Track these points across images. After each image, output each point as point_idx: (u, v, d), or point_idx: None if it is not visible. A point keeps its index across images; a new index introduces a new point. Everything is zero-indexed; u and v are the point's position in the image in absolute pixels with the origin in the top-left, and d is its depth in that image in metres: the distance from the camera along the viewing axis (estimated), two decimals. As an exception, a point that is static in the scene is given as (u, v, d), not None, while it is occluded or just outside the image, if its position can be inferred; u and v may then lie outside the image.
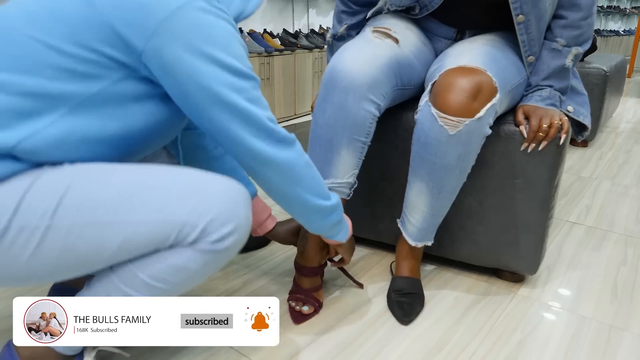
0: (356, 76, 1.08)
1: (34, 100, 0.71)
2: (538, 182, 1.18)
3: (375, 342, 1.08)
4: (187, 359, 1.02)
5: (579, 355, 1.06)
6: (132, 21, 0.71)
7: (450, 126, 1.03)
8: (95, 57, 0.72)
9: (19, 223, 0.70)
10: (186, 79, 0.74)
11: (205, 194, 0.78)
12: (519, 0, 1.10)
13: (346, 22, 1.34)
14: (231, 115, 0.77)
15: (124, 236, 0.74)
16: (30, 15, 0.72)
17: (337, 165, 1.13)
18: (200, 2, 0.74)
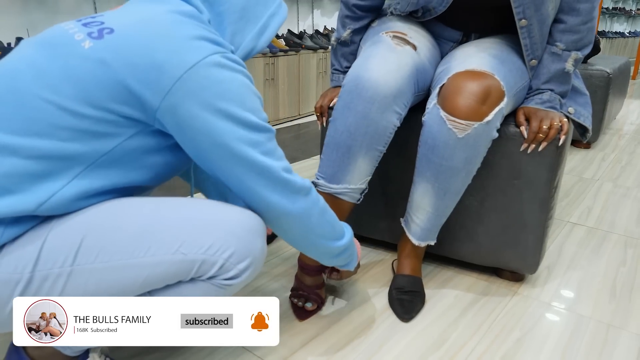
0: (382, 86, 1.08)
1: (49, 163, 0.71)
2: (538, 183, 1.20)
3: (376, 338, 1.10)
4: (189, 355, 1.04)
5: (576, 353, 1.07)
6: (148, 80, 0.71)
7: (459, 129, 1.05)
8: (109, 117, 0.72)
9: (42, 273, 0.71)
10: (202, 135, 0.75)
11: (222, 230, 0.79)
12: (521, 5, 1.12)
13: (350, 26, 1.35)
14: (247, 169, 0.78)
15: (145, 276, 0.76)
16: (42, 74, 0.71)
17: (352, 172, 1.14)
18: (215, 56, 0.74)
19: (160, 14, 0.75)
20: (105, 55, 0.71)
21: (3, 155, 0.69)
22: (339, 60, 1.40)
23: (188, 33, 0.74)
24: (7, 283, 0.70)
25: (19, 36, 2.18)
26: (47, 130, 0.70)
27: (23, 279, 0.70)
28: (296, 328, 1.13)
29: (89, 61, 0.71)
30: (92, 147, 0.73)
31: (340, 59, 1.39)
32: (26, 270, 0.71)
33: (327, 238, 0.94)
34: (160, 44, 0.72)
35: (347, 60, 1.39)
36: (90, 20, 0.76)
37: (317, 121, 1.41)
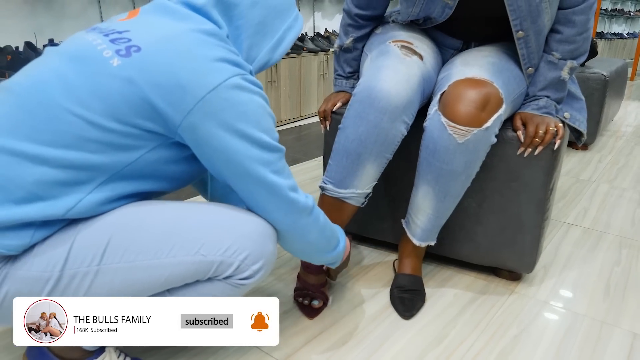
0: (393, 98, 1.12)
1: (76, 172, 0.75)
2: (534, 185, 1.24)
3: (378, 335, 1.15)
4: (199, 351, 1.08)
5: (571, 349, 1.12)
6: (172, 99, 0.75)
7: (459, 135, 1.09)
8: (133, 131, 0.76)
9: (70, 271, 0.76)
10: (218, 153, 0.79)
11: (239, 234, 0.84)
12: (518, 18, 1.16)
13: (352, 35, 1.38)
14: (257, 186, 0.83)
15: (167, 275, 0.80)
16: (72, 89, 0.74)
17: (360, 178, 1.19)
18: (236, 78, 0.78)
19: (184, 33, 0.79)
20: (132, 74, 0.75)
21: (34, 164, 0.73)
22: (342, 66, 1.44)
23: (210, 54, 0.78)
24: (38, 281, 0.75)
25: (28, 40, 2.22)
26: (76, 142, 0.74)
27: (53, 277, 0.75)
28: (300, 325, 1.18)
29: (117, 79, 0.75)
30: (116, 159, 0.77)
31: (343, 65, 1.43)
32: (56, 269, 0.75)
33: (322, 252, 1.01)
34: (184, 65, 0.75)
35: (349, 66, 1.43)
36: (117, 36, 0.79)
37: (321, 125, 1.45)
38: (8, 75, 1.98)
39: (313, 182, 2.21)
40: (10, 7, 2.28)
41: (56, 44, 2.29)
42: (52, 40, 2.29)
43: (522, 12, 1.15)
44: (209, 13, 0.85)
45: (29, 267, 0.75)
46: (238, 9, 0.87)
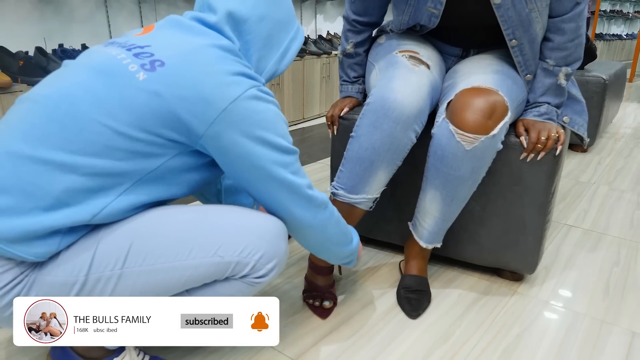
0: (407, 108, 1.17)
1: (103, 179, 0.79)
2: (536, 189, 1.29)
3: (386, 333, 1.19)
4: (214, 349, 1.13)
5: (572, 347, 1.16)
6: (196, 111, 0.81)
7: (467, 142, 1.13)
8: (158, 140, 0.81)
9: (95, 275, 0.80)
10: (241, 159, 0.85)
11: (253, 235, 0.88)
12: (510, 27, 1.20)
13: (352, 40, 1.44)
14: (279, 187, 0.89)
15: (187, 276, 0.85)
16: (100, 102, 0.79)
17: (371, 184, 1.23)
18: (253, 90, 0.85)
19: (203, 48, 0.84)
20: (158, 87, 0.80)
21: (63, 172, 0.77)
22: (346, 72, 1.48)
23: (229, 69, 0.84)
24: (64, 285, 0.79)
25: (38, 45, 2.25)
26: (104, 151, 0.78)
27: (79, 281, 0.79)
28: (311, 325, 1.22)
29: (143, 92, 0.80)
30: (140, 166, 0.82)
31: (347, 70, 1.48)
32: (81, 274, 0.79)
33: (340, 244, 1.06)
34: (206, 80, 0.81)
35: (354, 71, 1.47)
36: (140, 50, 0.84)
37: (329, 129, 1.49)
38: (21, 81, 2.01)
39: (318, 184, 2.25)
40: (20, 12, 2.32)
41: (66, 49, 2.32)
42: (61, 45, 2.33)
43: (513, 22, 1.20)
44: (222, 29, 0.91)
45: (56, 272, 0.79)
46: (247, 24, 0.93)
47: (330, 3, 4.36)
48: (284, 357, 1.10)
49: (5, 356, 1.10)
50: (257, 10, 0.93)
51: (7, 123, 0.81)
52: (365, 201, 1.25)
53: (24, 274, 0.77)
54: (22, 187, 0.75)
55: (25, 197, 0.75)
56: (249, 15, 0.93)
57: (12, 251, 0.74)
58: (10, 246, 0.74)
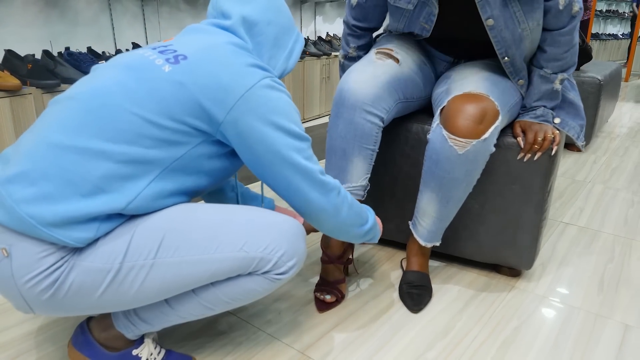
0: (359, 94, 1.25)
1: (134, 167, 0.85)
2: (533, 188, 1.34)
3: (389, 327, 1.24)
4: (226, 342, 1.17)
5: (567, 339, 1.21)
6: (216, 98, 0.88)
7: (459, 146, 1.19)
8: (183, 128, 0.88)
9: (129, 264, 0.85)
10: (258, 144, 0.91)
11: (276, 233, 0.94)
12: (503, 47, 1.27)
13: (353, 44, 1.52)
14: (293, 171, 0.94)
15: (214, 269, 0.90)
16: (131, 93, 0.86)
17: (351, 172, 1.29)
18: (267, 79, 0.92)
19: (220, 44, 0.93)
20: (182, 78, 0.88)
21: (99, 160, 0.83)
22: None
23: (244, 61, 0.92)
24: (100, 271, 0.84)
25: (45, 49, 2.30)
26: (135, 138, 0.85)
27: (113, 268, 0.84)
28: (317, 319, 1.27)
29: (169, 83, 0.87)
30: (167, 154, 0.88)
31: None
32: (116, 261, 0.84)
33: (357, 225, 1.09)
34: (224, 70, 0.89)
35: None
36: (164, 49, 0.93)
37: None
38: (29, 84, 2.06)
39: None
40: (27, 16, 2.36)
41: (73, 52, 2.36)
42: (68, 48, 2.37)
43: (506, 42, 1.26)
44: (237, 31, 1.00)
45: (93, 258, 0.83)
46: (258, 27, 1.03)
47: (329, 5, 4.41)
48: (291, 349, 1.15)
49: (35, 344, 1.15)
50: (266, 16, 1.03)
51: (44, 120, 0.88)
52: (352, 190, 1.30)
53: (64, 258, 0.82)
54: (63, 175, 0.81)
55: (66, 184, 0.81)
56: (259, 19, 1.02)
57: (54, 235, 0.79)
58: (53, 230, 0.79)
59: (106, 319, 1.02)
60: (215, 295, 0.95)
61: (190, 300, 0.95)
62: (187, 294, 0.95)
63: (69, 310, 0.87)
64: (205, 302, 0.95)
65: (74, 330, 1.05)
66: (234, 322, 1.25)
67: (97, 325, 1.02)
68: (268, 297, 1.37)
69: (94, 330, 1.01)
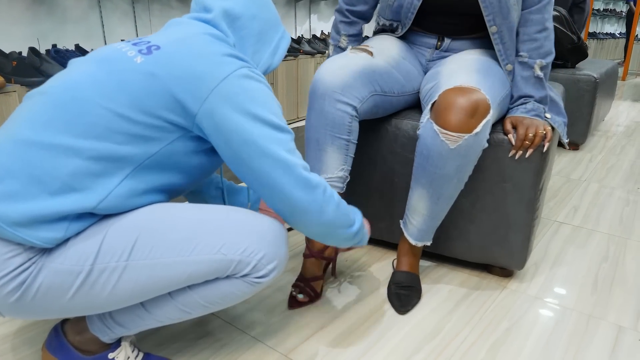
0: (328, 83, 1.23)
1: (105, 163, 0.82)
2: (524, 186, 1.31)
3: (376, 329, 1.21)
4: (206, 345, 1.14)
5: (559, 341, 1.18)
6: (190, 89, 0.84)
7: (451, 141, 1.15)
8: (157, 122, 0.84)
9: (100, 266, 0.82)
10: (234, 135, 0.86)
11: (256, 235, 0.90)
12: (491, 13, 1.26)
13: (345, 31, 1.50)
14: (273, 165, 0.88)
15: (190, 272, 0.86)
16: (101, 86, 0.83)
17: (326, 162, 1.27)
18: (244, 69, 0.88)
19: (196, 34, 0.90)
20: (154, 69, 0.84)
21: (68, 156, 0.80)
22: None
23: (220, 50, 0.88)
24: (70, 273, 0.80)
25: (31, 46, 2.26)
26: (105, 134, 0.81)
27: (84, 270, 0.81)
28: (303, 320, 1.23)
29: (140, 74, 0.84)
30: (141, 150, 0.84)
31: None
32: (87, 263, 0.81)
33: (344, 227, 1.02)
34: (199, 59, 0.85)
35: None
36: (139, 40, 0.91)
37: None
38: (14, 81, 2.02)
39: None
40: (13, 13, 2.32)
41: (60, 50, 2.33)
42: (55, 46, 2.34)
43: (494, 7, 1.26)
44: (218, 25, 0.97)
45: (62, 260, 0.80)
46: (241, 21, 0.99)
47: (324, 3, 4.38)
48: (275, 352, 1.12)
49: (11, 348, 1.12)
50: (249, 10, 1.00)
51: (14, 116, 0.85)
52: (329, 181, 1.27)
53: (31, 260, 0.79)
54: (29, 172, 0.78)
55: (33, 182, 0.78)
56: (242, 13, 0.99)
57: (20, 235, 0.76)
58: (19, 230, 0.76)
59: (81, 322, 0.98)
60: (193, 299, 0.91)
61: (166, 304, 0.92)
62: (163, 297, 0.92)
63: (38, 314, 0.83)
64: (182, 306, 0.92)
65: (48, 332, 1.02)
66: (216, 324, 1.21)
67: (72, 328, 0.98)
68: (252, 297, 1.33)
69: (68, 333, 0.98)
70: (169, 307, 0.92)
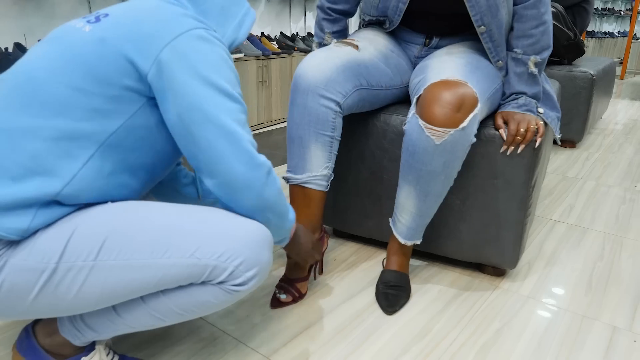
0: (311, 78, 1.20)
1: (66, 143, 0.78)
2: (516, 182, 1.27)
3: (363, 330, 1.17)
4: (186, 347, 1.10)
5: (551, 342, 1.14)
6: (140, 47, 0.80)
7: (437, 136, 1.12)
8: (114, 92, 0.80)
9: (66, 265, 0.77)
10: (180, 99, 0.81)
11: (234, 239, 0.84)
12: (478, 13, 1.21)
13: (327, 29, 1.46)
14: (217, 134, 0.83)
15: (161, 276, 0.81)
16: (53, 62, 0.80)
17: (309, 160, 1.23)
18: (200, 30, 0.84)
19: (149, 2, 0.87)
20: (103, 34, 0.81)
21: (27, 138, 0.76)
22: None
23: (174, 11, 0.85)
24: (34, 271, 0.76)
25: (17, 42, 2.22)
26: (62, 110, 0.78)
27: (48, 268, 0.76)
28: (286, 321, 1.19)
29: (90, 42, 0.81)
30: (102, 126, 0.80)
31: None
32: (52, 261, 0.76)
33: (279, 216, 0.96)
34: (150, 18, 0.82)
35: None
36: (90, 15, 0.88)
37: None
38: (-3, 77, 1.98)
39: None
40: (0, 8, 2.28)
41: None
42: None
43: (481, 7, 1.21)
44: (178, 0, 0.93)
45: (26, 256, 0.76)
46: None
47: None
48: (256, 354, 1.08)
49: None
50: None
51: None
52: (312, 179, 1.24)
53: None
54: None
55: None
56: None
57: None
58: None
59: (52, 324, 0.94)
60: (166, 305, 0.86)
61: (138, 309, 0.87)
62: (135, 302, 0.87)
63: (2, 315, 0.79)
64: (155, 312, 0.87)
65: (19, 333, 0.98)
66: (196, 325, 1.17)
67: (42, 329, 0.94)
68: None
69: (39, 335, 0.94)
70: (142, 313, 0.87)
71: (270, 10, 3.85)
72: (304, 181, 1.24)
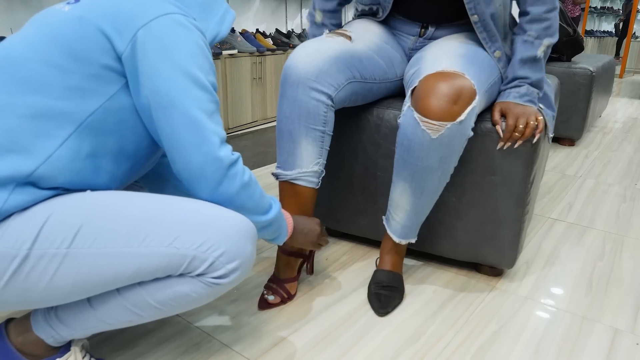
0: (301, 69, 1.15)
1: (43, 121, 0.76)
2: (514, 179, 1.22)
3: (354, 332, 1.12)
4: (167, 351, 1.05)
5: (550, 345, 1.09)
6: (118, 26, 0.79)
7: (433, 130, 1.06)
8: (92, 70, 0.78)
9: (39, 252, 0.73)
10: (147, 80, 0.79)
11: (215, 230, 0.80)
12: (472, 1, 1.17)
13: (319, 6, 1.40)
14: (180, 121, 0.80)
15: (137, 266, 0.77)
16: (33, 41, 0.79)
17: (300, 155, 1.18)
18: (179, 16, 0.82)
19: None
20: (81, 12, 0.80)
21: (2, 114, 0.74)
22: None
23: None
24: (4, 257, 0.72)
25: (2, 35, 2.17)
26: (40, 88, 0.76)
27: (20, 255, 0.72)
28: (274, 324, 1.14)
29: (69, 20, 0.80)
30: (79, 106, 0.78)
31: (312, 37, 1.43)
32: (24, 247, 0.72)
33: (252, 212, 0.91)
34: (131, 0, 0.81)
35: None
36: None
37: None
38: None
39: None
40: (-14, 2, 2.23)
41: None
42: (29, 36, 2.25)
43: None
44: None
45: None
46: None
47: (316, -3, 4.30)
48: (241, 358, 1.03)
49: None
50: None
51: None
52: (302, 176, 1.19)
53: None
54: None
55: None
56: None
57: None
58: None
59: (25, 322, 0.89)
60: (142, 298, 0.82)
61: (113, 301, 0.83)
62: (111, 293, 0.82)
63: None
64: (131, 306, 0.82)
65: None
66: (179, 327, 1.12)
67: (16, 327, 0.89)
68: (220, 298, 1.24)
69: (11, 333, 0.89)
70: (117, 306, 0.83)
71: (266, 7, 3.80)
72: (294, 177, 1.19)
